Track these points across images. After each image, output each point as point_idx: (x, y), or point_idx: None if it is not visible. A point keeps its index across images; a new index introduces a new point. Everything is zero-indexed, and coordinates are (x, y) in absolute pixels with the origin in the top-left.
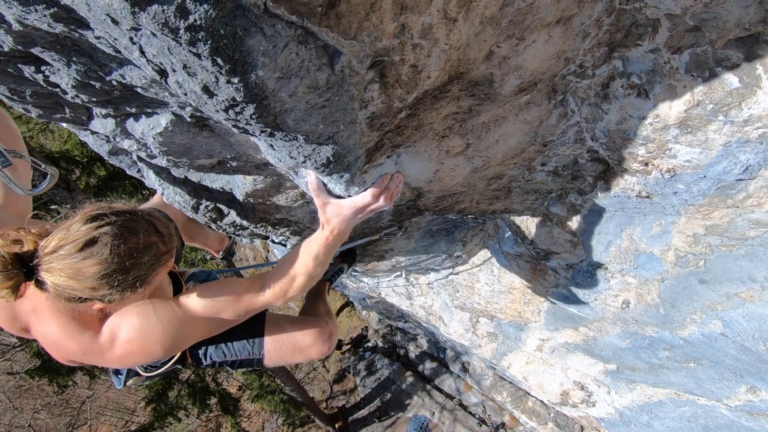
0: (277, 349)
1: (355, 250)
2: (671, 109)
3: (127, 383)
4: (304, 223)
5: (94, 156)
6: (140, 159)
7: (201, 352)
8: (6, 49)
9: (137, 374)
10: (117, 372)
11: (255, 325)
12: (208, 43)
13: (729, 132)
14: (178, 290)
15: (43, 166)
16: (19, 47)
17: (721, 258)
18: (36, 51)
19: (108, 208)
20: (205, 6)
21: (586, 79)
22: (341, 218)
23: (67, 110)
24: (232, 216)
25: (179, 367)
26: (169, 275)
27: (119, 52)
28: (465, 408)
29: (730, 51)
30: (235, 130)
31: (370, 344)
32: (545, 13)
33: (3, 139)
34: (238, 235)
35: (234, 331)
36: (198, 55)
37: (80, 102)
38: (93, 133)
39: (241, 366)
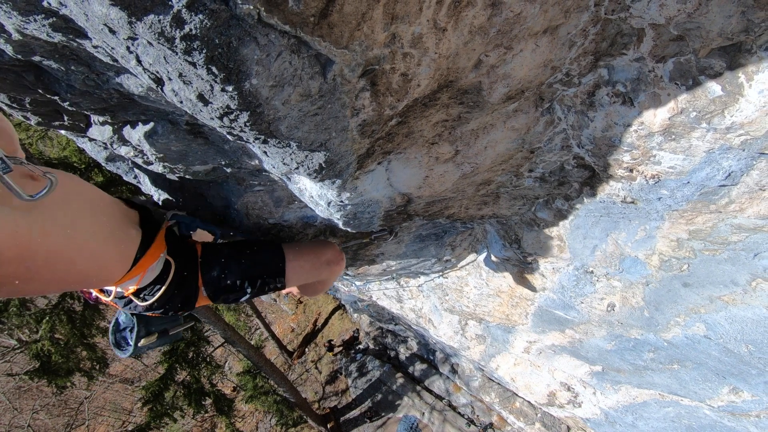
0: (298, 258)
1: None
2: (655, 117)
3: (138, 344)
4: (297, 228)
5: (92, 162)
6: (137, 165)
7: (215, 274)
8: (6, 57)
9: (147, 333)
10: (119, 344)
11: (271, 243)
12: (204, 52)
13: (712, 139)
14: (153, 230)
15: (43, 173)
16: (19, 56)
17: (705, 262)
18: (35, 60)
19: None
20: (201, 16)
21: (572, 88)
22: None
23: (65, 118)
24: (227, 221)
25: (188, 311)
26: (140, 214)
27: (116, 60)
28: (454, 408)
29: (713, 60)
30: (229, 137)
31: (361, 346)
32: (533, 23)
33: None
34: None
35: (251, 250)
36: (193, 64)
37: (78, 110)
38: (91, 140)
39: (262, 286)
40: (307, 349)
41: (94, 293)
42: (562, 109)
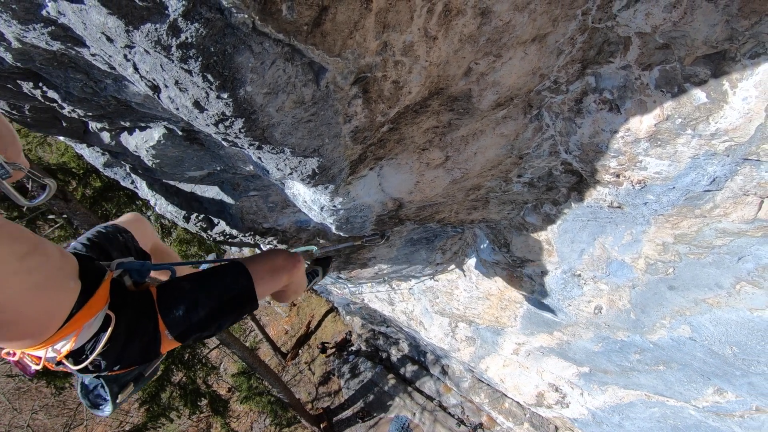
0: (258, 271)
1: (330, 255)
2: (642, 123)
3: (118, 401)
4: (291, 232)
5: (89, 168)
6: (134, 170)
7: (180, 312)
8: (6, 65)
9: (121, 387)
10: (95, 405)
11: (232, 264)
12: (199, 60)
13: (697, 145)
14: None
15: (42, 178)
16: (19, 64)
17: (690, 265)
18: (34, 67)
19: None
20: (196, 25)
21: (560, 95)
22: None
23: (63, 124)
24: (222, 225)
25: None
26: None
27: (114, 68)
28: (444, 409)
29: (698, 67)
30: (224, 143)
31: (353, 348)
32: (521, 32)
33: (8, 152)
34: (228, 244)
35: (215, 277)
36: (189, 72)
37: (77, 116)
38: (89, 145)
39: (238, 311)
40: (300, 351)
41: (17, 356)
42: (550, 115)
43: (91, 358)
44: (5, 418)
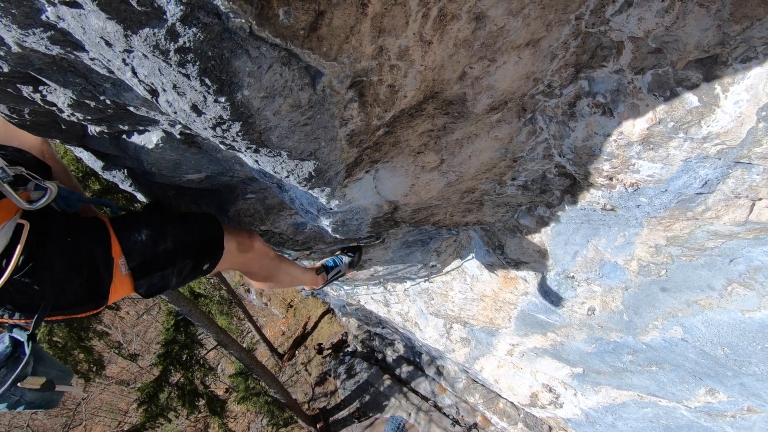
0: (226, 227)
1: (360, 246)
2: (634, 127)
3: (19, 383)
4: (287, 234)
5: (88, 171)
6: (132, 174)
7: (143, 237)
8: (5, 69)
9: (34, 371)
10: None
11: (201, 213)
12: (197, 64)
13: (689, 148)
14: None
15: (42, 182)
16: (18, 68)
17: (682, 267)
18: (34, 71)
19: None
20: (194, 29)
21: (553, 99)
22: None
23: (63, 128)
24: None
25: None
26: None
27: (112, 72)
28: (439, 409)
29: (690, 72)
30: (222, 146)
31: (349, 349)
32: (515, 36)
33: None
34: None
35: (181, 215)
36: (187, 76)
37: (76, 120)
38: (87, 149)
39: (198, 260)
40: (297, 352)
41: None
42: (544, 119)
43: (7, 271)
44: (5, 418)
